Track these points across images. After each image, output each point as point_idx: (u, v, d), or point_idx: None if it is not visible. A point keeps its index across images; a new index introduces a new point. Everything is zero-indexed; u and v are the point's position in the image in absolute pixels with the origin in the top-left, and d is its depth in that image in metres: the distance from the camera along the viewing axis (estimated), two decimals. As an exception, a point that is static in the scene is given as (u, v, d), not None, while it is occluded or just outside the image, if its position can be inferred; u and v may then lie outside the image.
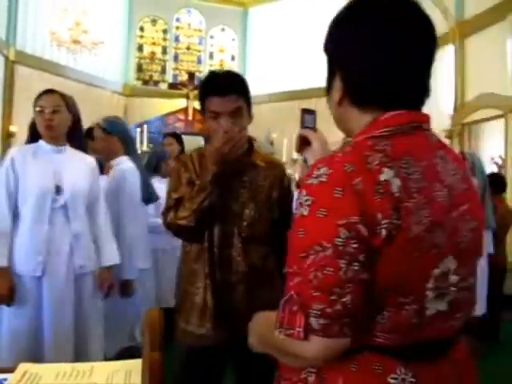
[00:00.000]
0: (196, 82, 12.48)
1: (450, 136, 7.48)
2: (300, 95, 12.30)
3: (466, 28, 7.37)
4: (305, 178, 0.71)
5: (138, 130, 8.88)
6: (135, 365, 0.97)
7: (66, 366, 1.02)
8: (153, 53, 12.66)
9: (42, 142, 2.23)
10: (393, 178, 0.67)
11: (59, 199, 2.15)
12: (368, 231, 0.65)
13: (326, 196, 0.67)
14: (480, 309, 3.20)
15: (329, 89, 0.83)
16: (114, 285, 2.42)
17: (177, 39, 13.32)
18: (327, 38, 0.82)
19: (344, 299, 0.64)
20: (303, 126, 0.97)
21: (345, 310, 0.64)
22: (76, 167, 2.26)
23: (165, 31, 13.04)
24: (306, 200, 0.69)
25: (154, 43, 12.70)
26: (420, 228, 0.67)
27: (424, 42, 0.76)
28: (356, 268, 0.65)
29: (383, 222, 0.65)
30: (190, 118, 11.84)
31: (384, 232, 0.65)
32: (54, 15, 8.46)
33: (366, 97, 0.76)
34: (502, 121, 6.51)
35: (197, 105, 12.21)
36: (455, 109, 7.52)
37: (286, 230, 1.33)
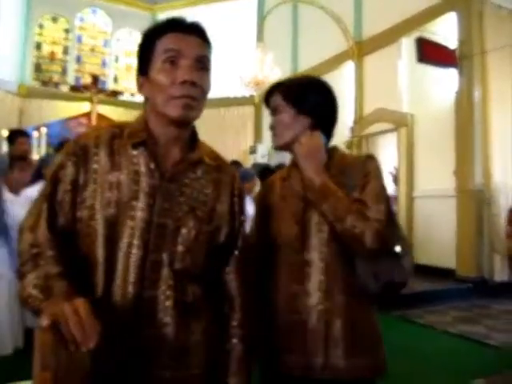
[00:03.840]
0: (100, 85, 11.99)
1: (349, 146, 7.96)
2: (208, 104, 12.29)
3: (364, 47, 7.95)
4: None
5: (35, 132, 8.20)
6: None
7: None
8: (53, 52, 11.86)
9: None
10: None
11: None
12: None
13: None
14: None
15: None
16: None
17: (80, 40, 12.66)
18: None
19: None
20: None
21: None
22: None
23: (67, 30, 12.32)
24: None
25: (54, 42, 11.90)
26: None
27: None
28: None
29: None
30: (94, 122, 11.31)
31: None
32: None
33: None
34: (394, 134, 7.08)
35: (101, 109, 11.43)
36: (355, 121, 8.03)
37: (232, 263, 1.10)
